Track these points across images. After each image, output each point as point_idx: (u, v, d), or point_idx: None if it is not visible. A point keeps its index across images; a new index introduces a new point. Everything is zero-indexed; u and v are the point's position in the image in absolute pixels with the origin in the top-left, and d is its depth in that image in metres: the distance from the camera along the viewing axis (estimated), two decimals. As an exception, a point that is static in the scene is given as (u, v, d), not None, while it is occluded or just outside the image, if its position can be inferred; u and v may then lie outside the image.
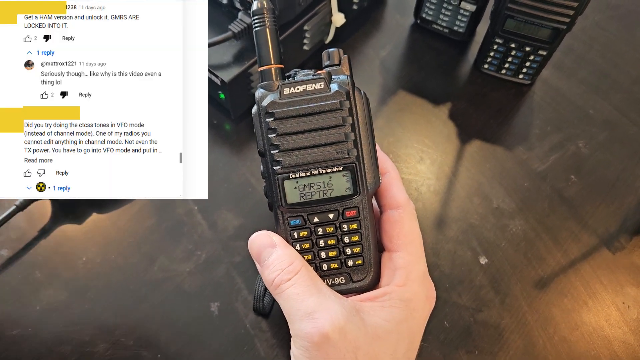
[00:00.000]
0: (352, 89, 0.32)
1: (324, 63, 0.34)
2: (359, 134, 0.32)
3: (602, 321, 0.43)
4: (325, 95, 0.32)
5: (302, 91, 0.32)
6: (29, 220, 0.46)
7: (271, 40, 0.33)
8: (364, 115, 0.33)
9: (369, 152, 0.33)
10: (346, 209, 0.33)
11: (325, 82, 0.32)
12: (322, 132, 0.32)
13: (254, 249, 0.33)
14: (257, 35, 0.33)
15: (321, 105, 0.32)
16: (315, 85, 0.32)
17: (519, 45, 0.51)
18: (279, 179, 0.32)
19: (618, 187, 0.50)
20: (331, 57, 0.33)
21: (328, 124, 0.32)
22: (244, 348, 0.41)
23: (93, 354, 0.41)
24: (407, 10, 0.59)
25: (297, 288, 0.31)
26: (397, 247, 0.34)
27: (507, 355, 0.42)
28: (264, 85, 0.33)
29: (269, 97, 0.32)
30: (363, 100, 0.33)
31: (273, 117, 0.32)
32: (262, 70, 0.33)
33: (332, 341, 0.29)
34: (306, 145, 0.32)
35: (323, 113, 0.32)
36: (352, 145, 0.32)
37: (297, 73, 0.33)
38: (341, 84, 0.32)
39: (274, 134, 0.32)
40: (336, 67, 0.33)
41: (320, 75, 0.32)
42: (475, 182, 0.50)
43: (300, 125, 0.32)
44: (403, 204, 0.35)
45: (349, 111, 0.32)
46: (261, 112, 0.32)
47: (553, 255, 0.46)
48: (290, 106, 0.32)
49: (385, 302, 0.32)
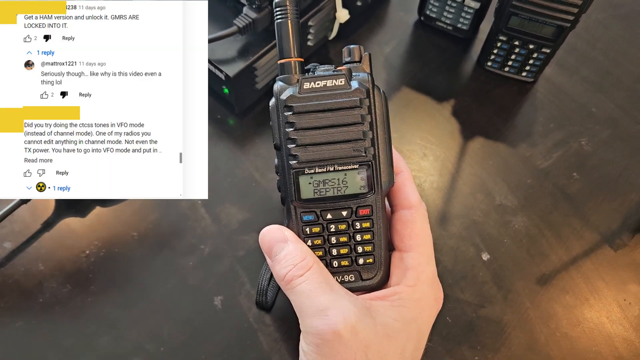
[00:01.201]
0: (372, 87, 0.32)
1: (344, 59, 0.33)
2: (377, 132, 0.32)
3: (604, 318, 0.44)
4: (345, 92, 0.32)
5: (323, 86, 0.32)
6: (33, 213, 0.46)
7: (293, 33, 0.33)
8: (382, 114, 0.33)
9: (385, 151, 0.33)
10: (360, 207, 0.33)
11: (346, 78, 0.32)
12: (340, 128, 0.32)
13: (265, 243, 0.33)
14: (279, 27, 0.33)
15: (341, 102, 0.31)
16: (335, 81, 0.32)
17: (522, 43, 0.51)
18: (294, 173, 0.32)
19: (620, 185, 0.50)
20: (352, 53, 0.33)
21: (347, 121, 0.32)
22: (247, 342, 0.41)
23: (96, 347, 0.41)
24: (411, 7, 0.59)
25: (309, 284, 0.31)
26: (408, 247, 0.34)
27: (510, 350, 0.42)
28: (283, 78, 0.33)
29: (289, 91, 0.32)
30: (382, 99, 0.33)
31: (292, 111, 0.31)
32: (282, 63, 0.33)
33: (343, 339, 0.29)
34: (323, 141, 0.32)
35: (342, 110, 0.32)
36: (370, 144, 0.32)
37: (317, 68, 0.33)
38: (362, 81, 0.32)
39: (292, 128, 0.31)
40: (357, 64, 0.33)
41: (341, 72, 0.32)
42: (478, 178, 0.50)
43: (318, 120, 0.32)
44: (416, 204, 0.35)
45: (368, 109, 0.32)
46: (279, 105, 0.32)
47: (555, 252, 0.46)
48: (309, 101, 0.31)
49: (395, 301, 0.32)
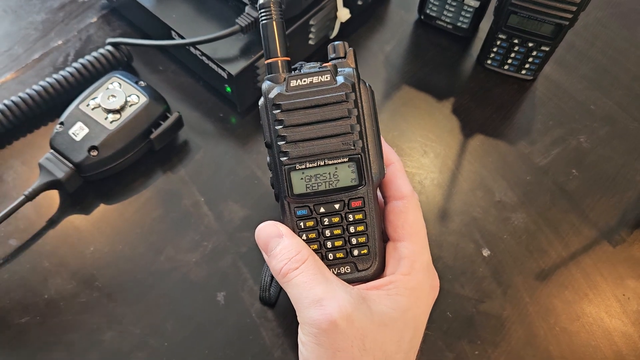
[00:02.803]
0: (357, 81, 0.33)
1: (329, 56, 0.34)
2: (364, 125, 0.33)
3: (603, 313, 0.44)
4: (331, 87, 0.32)
5: (309, 83, 0.32)
6: (37, 211, 0.46)
7: (278, 33, 0.34)
8: (369, 107, 0.33)
9: (374, 143, 0.33)
10: (352, 199, 0.33)
11: (332, 74, 0.32)
12: (328, 123, 0.32)
13: (261, 239, 0.34)
14: (264, 28, 0.34)
15: (327, 97, 0.32)
16: (321, 77, 0.32)
17: (522, 41, 0.51)
18: (286, 169, 0.32)
19: (618, 182, 0.50)
20: (337, 50, 0.34)
21: (334, 115, 0.32)
22: (249, 337, 0.42)
23: (101, 342, 0.41)
24: (411, 6, 0.59)
25: (304, 276, 0.31)
26: (401, 237, 0.34)
27: (509, 345, 0.42)
28: (271, 77, 0.33)
29: (276, 89, 0.32)
30: (368, 92, 0.33)
31: (280, 109, 0.32)
32: (268, 63, 0.34)
33: (340, 328, 0.30)
34: (312, 136, 0.32)
35: (329, 105, 0.32)
36: (358, 137, 0.32)
37: (303, 66, 0.33)
38: (347, 76, 0.32)
39: (281, 125, 0.32)
40: (342, 59, 0.34)
41: (326, 68, 0.32)
42: (478, 175, 0.50)
43: (306, 117, 0.32)
44: (408, 195, 0.35)
45: (354, 103, 0.32)
46: (268, 104, 0.32)
47: (554, 248, 0.47)
48: (296, 98, 0.32)
49: (390, 290, 0.33)
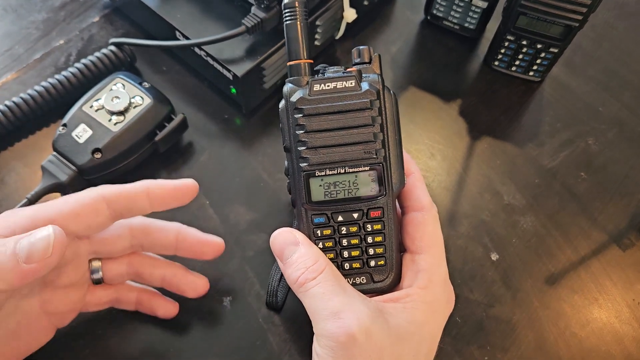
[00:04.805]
0: (382, 88, 0.32)
1: (353, 60, 0.33)
2: (387, 134, 0.32)
3: (613, 318, 0.44)
4: (355, 93, 0.31)
5: (333, 88, 0.31)
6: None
7: (302, 35, 0.33)
8: (392, 115, 0.32)
9: (395, 153, 0.33)
10: (371, 209, 0.33)
11: (356, 80, 0.32)
12: (351, 130, 0.31)
13: (276, 246, 0.33)
14: (288, 28, 0.33)
15: (351, 103, 0.31)
16: (346, 83, 0.31)
17: (530, 43, 0.51)
18: (305, 176, 0.32)
19: (627, 184, 0.50)
20: (362, 54, 0.33)
21: (357, 123, 0.31)
22: (256, 342, 0.41)
23: (105, 348, 0.41)
24: (418, 7, 0.58)
25: (322, 287, 0.31)
26: (419, 249, 0.34)
27: (519, 350, 0.42)
28: (293, 80, 0.32)
29: (298, 93, 0.31)
30: (392, 100, 0.32)
31: (302, 114, 0.31)
32: (291, 65, 0.33)
33: (358, 342, 0.29)
34: (334, 143, 0.31)
35: (353, 112, 0.31)
36: (380, 146, 0.32)
37: (327, 69, 0.33)
38: (372, 82, 0.32)
39: (302, 130, 0.31)
40: (366, 65, 0.33)
41: (351, 73, 0.32)
42: (485, 178, 0.50)
43: (328, 122, 0.31)
44: (427, 206, 0.34)
45: (378, 111, 0.31)
46: (289, 107, 0.32)
47: (563, 252, 0.46)
48: (319, 103, 0.31)
49: (407, 303, 0.32)
